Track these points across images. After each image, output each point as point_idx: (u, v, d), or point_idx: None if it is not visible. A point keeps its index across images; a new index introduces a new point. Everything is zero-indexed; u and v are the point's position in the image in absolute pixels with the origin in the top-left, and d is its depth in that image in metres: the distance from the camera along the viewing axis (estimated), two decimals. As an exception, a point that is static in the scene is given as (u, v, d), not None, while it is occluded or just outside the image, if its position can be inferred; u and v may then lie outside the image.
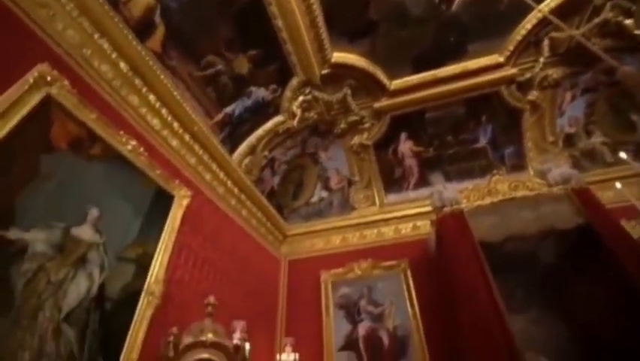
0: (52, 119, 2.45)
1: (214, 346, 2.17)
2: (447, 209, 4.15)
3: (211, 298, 2.48)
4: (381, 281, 5.35)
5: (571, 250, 4.45)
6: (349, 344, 4.97)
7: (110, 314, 2.55)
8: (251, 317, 4.30)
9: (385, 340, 4.86)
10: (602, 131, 5.51)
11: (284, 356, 4.66)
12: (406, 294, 5.12)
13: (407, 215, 6.06)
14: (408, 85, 5.30)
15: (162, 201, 3.39)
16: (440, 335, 4.57)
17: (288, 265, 6.10)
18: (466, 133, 6.11)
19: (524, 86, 5.25)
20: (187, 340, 2.16)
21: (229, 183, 4.71)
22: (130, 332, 2.65)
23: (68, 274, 2.36)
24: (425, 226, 5.78)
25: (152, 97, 3.41)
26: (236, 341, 2.26)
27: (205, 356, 2.16)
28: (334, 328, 5.12)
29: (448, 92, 5.29)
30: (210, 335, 2.18)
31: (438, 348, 4.57)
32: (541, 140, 5.74)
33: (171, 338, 2.11)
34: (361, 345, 4.91)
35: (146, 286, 2.92)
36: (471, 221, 4.00)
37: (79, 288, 2.40)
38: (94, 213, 2.63)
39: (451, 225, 3.99)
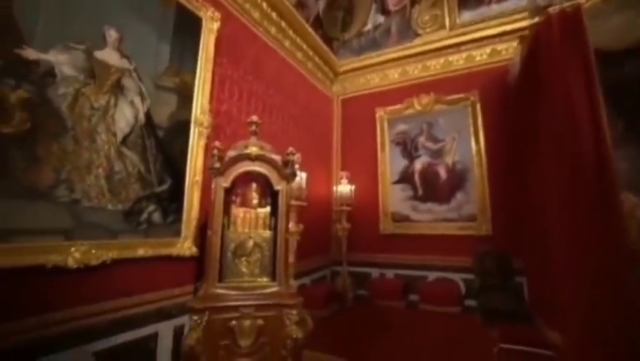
0: None
1: (260, 159, 2.07)
2: (554, 8, 2.93)
3: (254, 117, 2.27)
4: (443, 116, 4.79)
5: None
6: (405, 178, 4.96)
7: (164, 142, 2.60)
8: (307, 151, 4.33)
9: (442, 174, 4.71)
10: None
11: (340, 187, 4.90)
12: (472, 129, 4.58)
13: (485, 37, 4.75)
14: None
15: (188, 24, 2.88)
16: (504, 171, 4.25)
17: (340, 104, 5.70)
18: None
19: None
20: (231, 153, 2.08)
21: (264, 5, 3.88)
22: (189, 159, 2.77)
23: (109, 101, 2.27)
24: (507, 50, 4.59)
25: None
26: (288, 157, 2.11)
27: (252, 168, 2.10)
28: (389, 163, 5.06)
29: None
30: (255, 149, 2.05)
31: (499, 183, 4.31)
32: None
33: (215, 152, 2.04)
34: (417, 178, 4.87)
35: (193, 117, 2.85)
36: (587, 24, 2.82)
37: (125, 115, 2.36)
38: (112, 34, 2.29)
39: (556, 32, 2.88)
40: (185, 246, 2.63)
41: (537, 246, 3.28)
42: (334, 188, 5.10)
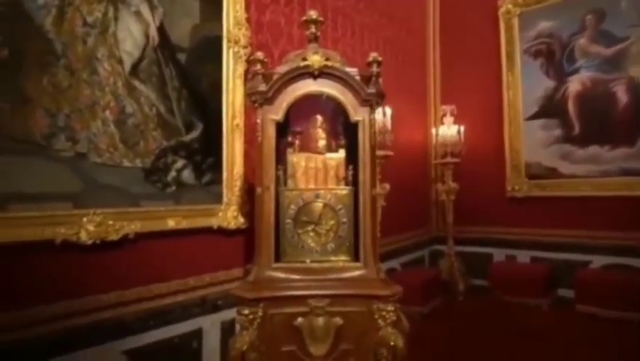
0: None
1: (327, 74, 1.74)
2: None
3: (312, 13, 1.91)
4: None
5: None
6: (549, 109, 4.37)
7: (188, 70, 2.49)
8: (389, 76, 3.95)
9: (622, 96, 3.96)
10: None
11: (442, 128, 4.51)
12: None
13: None
14: None
15: None
16: None
17: None
18: None
19: None
20: (283, 69, 1.79)
21: None
22: (224, 94, 2.66)
23: (107, 13, 2.15)
24: None
25: None
26: (370, 67, 1.72)
27: (315, 89, 1.78)
28: (522, 87, 4.54)
29: None
30: (317, 58, 1.72)
31: None
32: None
33: (258, 67, 1.76)
34: (571, 108, 4.24)
35: (224, 32, 2.67)
36: None
37: (131, 32, 2.25)
38: None
39: None
40: (229, 215, 2.59)
41: None
42: (432, 131, 4.84)
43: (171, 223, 2.29)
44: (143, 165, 2.23)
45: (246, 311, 1.64)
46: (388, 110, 3.30)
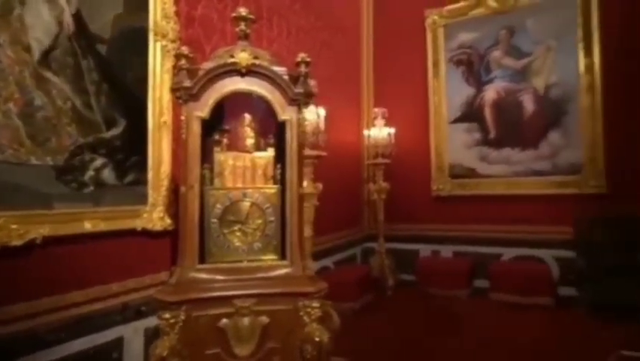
0: None
1: (255, 72, 1.73)
2: None
3: (242, 10, 1.87)
4: (534, 16, 4.34)
5: None
6: (469, 114, 4.65)
7: (110, 62, 2.32)
8: (324, 79, 3.97)
9: (528, 105, 4.35)
10: None
11: (374, 130, 4.62)
12: (581, 33, 4.10)
13: None
14: None
15: None
16: (631, 97, 3.89)
17: (373, 5, 5.33)
18: None
19: None
20: (209, 65, 1.75)
21: None
22: (150, 89, 2.52)
23: None
24: None
25: None
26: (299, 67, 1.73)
27: (242, 87, 1.76)
28: (446, 93, 4.77)
29: None
30: (245, 55, 1.70)
31: (622, 115, 3.92)
32: None
33: (182, 62, 1.70)
34: (488, 114, 4.54)
35: (151, 24, 2.52)
36: None
37: (42, 18, 2.04)
38: None
39: None
40: (155, 216, 2.47)
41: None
42: (365, 133, 4.92)
43: (88, 226, 2.11)
44: (55, 162, 2.03)
45: (167, 315, 1.57)
46: (322, 111, 3.31)
